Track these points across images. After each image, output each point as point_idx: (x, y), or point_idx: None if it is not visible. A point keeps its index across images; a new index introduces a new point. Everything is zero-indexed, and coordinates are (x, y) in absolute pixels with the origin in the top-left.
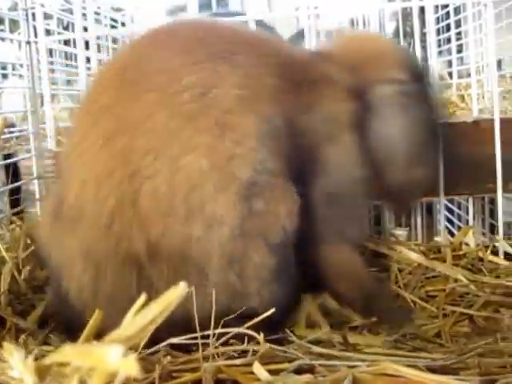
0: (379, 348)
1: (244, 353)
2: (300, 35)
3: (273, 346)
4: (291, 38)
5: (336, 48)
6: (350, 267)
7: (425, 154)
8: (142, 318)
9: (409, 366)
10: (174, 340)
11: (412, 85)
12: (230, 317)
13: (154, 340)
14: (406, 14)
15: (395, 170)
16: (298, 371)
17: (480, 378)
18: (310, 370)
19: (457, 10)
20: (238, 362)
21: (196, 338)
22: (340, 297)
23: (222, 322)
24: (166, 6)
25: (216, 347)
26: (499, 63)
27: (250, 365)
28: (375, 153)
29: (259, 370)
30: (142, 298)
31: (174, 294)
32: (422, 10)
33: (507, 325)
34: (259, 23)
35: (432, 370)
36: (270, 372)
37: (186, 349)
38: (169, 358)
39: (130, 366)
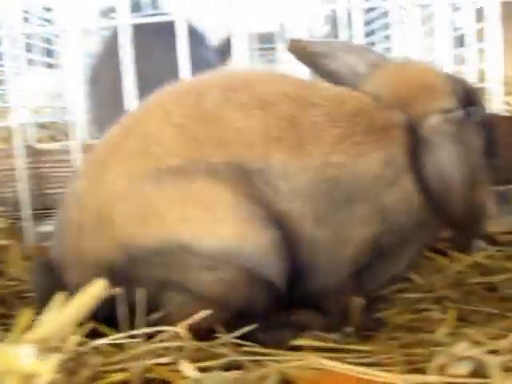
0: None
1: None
2: (228, 43)
3: (199, 343)
4: (220, 44)
5: (382, 85)
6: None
7: (481, 177)
8: (61, 316)
9: (336, 359)
10: (103, 341)
11: (459, 110)
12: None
13: None
14: (337, 18)
15: (456, 200)
16: (227, 368)
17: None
18: (239, 366)
19: (385, 14)
20: (165, 360)
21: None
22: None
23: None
24: (98, 6)
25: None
26: None
27: (177, 363)
28: (433, 186)
29: (187, 367)
30: (61, 296)
31: (93, 292)
32: (351, 13)
33: (436, 319)
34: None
35: (361, 363)
36: (199, 369)
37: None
38: (98, 358)
39: (45, 368)
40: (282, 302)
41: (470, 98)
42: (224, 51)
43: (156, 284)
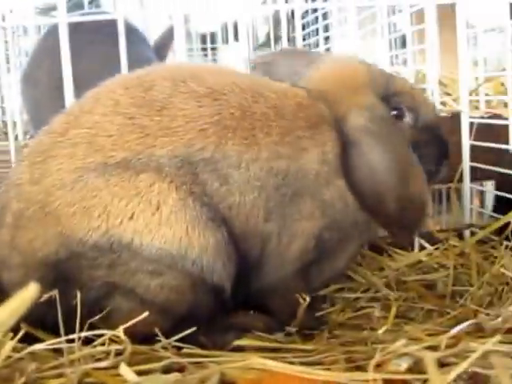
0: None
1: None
2: (170, 33)
3: (139, 346)
4: (161, 36)
5: (313, 81)
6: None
7: (413, 172)
8: None
9: (278, 359)
10: (40, 346)
11: (382, 107)
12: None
13: None
14: (278, 19)
15: (390, 202)
16: (168, 371)
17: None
18: (180, 369)
19: (325, 16)
20: (105, 364)
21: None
22: (267, 310)
23: None
24: (37, 4)
25: (81, 350)
26: None
27: (117, 367)
28: (365, 191)
29: (126, 371)
30: None
31: (25, 296)
32: (292, 14)
33: (376, 316)
34: (129, 27)
35: (303, 362)
36: (139, 373)
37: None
38: (34, 364)
39: None
40: (227, 305)
41: (401, 95)
42: (162, 50)
43: (99, 284)
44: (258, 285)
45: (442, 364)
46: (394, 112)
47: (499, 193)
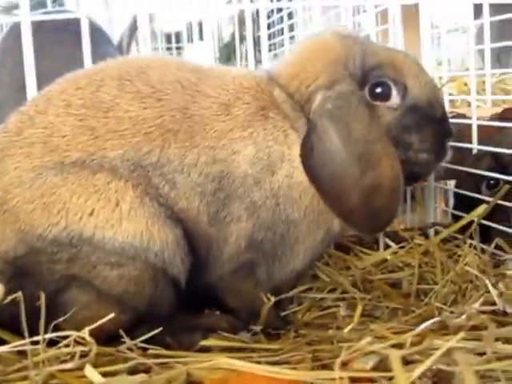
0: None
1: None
2: (133, 27)
3: (105, 348)
4: (123, 33)
5: (285, 63)
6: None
7: (376, 158)
8: None
9: (244, 359)
10: (3, 348)
11: (345, 84)
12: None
13: None
14: (243, 19)
15: (347, 190)
16: (134, 372)
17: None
18: (146, 370)
19: (290, 15)
20: (70, 366)
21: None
22: (228, 309)
23: None
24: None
25: (45, 352)
26: None
27: (82, 368)
28: (322, 176)
29: (92, 373)
30: None
31: None
32: (257, 14)
33: (342, 315)
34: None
35: (270, 361)
36: (105, 374)
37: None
38: None
39: None
40: (182, 301)
41: (382, 66)
42: (126, 47)
43: (59, 280)
44: (208, 284)
45: (407, 362)
46: (377, 89)
47: (460, 191)
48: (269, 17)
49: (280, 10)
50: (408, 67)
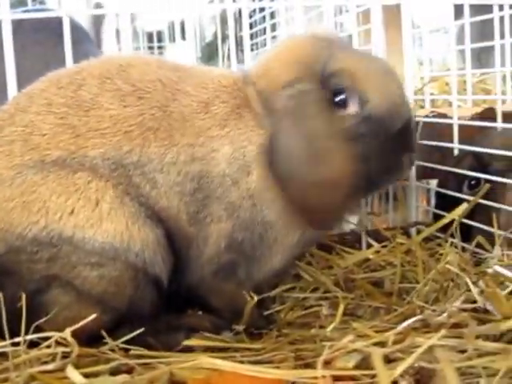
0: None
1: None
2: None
3: (87, 348)
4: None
5: (260, 62)
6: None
7: (326, 153)
8: None
9: (227, 358)
10: None
11: (306, 83)
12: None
13: None
14: (226, 18)
15: (301, 183)
16: (116, 372)
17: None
18: (129, 370)
19: (273, 15)
20: (51, 367)
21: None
22: (211, 309)
23: None
24: None
25: (26, 353)
26: None
27: (64, 369)
28: (282, 175)
29: (73, 374)
30: None
31: None
32: (239, 13)
33: (324, 314)
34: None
35: (252, 361)
36: (86, 375)
37: None
38: None
39: None
40: (165, 300)
41: (341, 75)
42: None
43: (39, 280)
44: (187, 284)
45: (390, 360)
46: (337, 97)
47: (442, 190)
48: (251, 16)
49: (262, 9)
50: (372, 76)
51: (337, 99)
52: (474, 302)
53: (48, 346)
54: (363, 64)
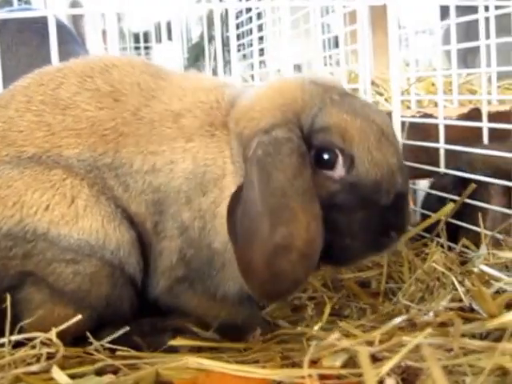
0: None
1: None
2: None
3: (72, 349)
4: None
5: (249, 95)
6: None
7: (289, 212)
8: None
9: (213, 358)
10: None
11: (288, 132)
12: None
13: None
14: (212, 19)
15: (254, 242)
16: (101, 373)
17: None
18: (115, 371)
19: (259, 16)
20: (36, 368)
21: None
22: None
23: None
24: None
25: (11, 354)
26: (299, 67)
27: (49, 370)
28: (239, 226)
29: (59, 374)
30: None
31: None
32: (226, 14)
33: (310, 314)
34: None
35: (239, 361)
36: (72, 376)
37: None
38: None
39: None
40: (142, 303)
41: (331, 131)
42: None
43: (14, 276)
44: (152, 296)
45: (376, 359)
46: (323, 155)
47: (429, 191)
48: (237, 17)
49: (249, 10)
50: (365, 137)
51: (321, 157)
52: (460, 301)
53: (33, 347)
54: (358, 122)
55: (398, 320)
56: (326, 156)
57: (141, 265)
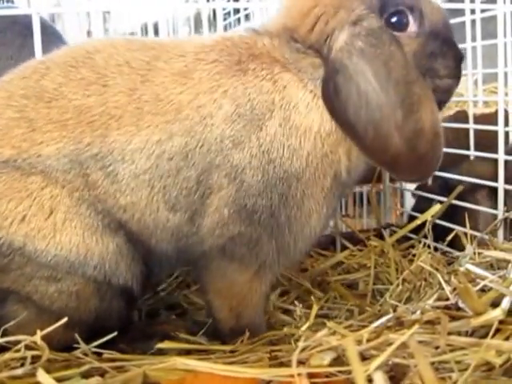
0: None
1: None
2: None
3: (58, 353)
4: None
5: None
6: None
7: (416, 97)
8: None
9: (201, 360)
10: None
11: (372, 18)
12: None
13: None
14: (200, 20)
15: (389, 135)
16: (88, 376)
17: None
18: (102, 374)
19: (247, 17)
20: (21, 372)
21: None
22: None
23: None
24: None
25: None
26: None
27: (34, 374)
28: (356, 119)
29: (44, 377)
30: None
31: None
32: (214, 15)
33: (299, 315)
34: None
35: (227, 362)
36: (58, 379)
37: None
38: None
39: None
40: (136, 303)
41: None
42: None
43: None
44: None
45: (364, 357)
46: (394, 18)
47: (416, 191)
48: (225, 18)
49: (237, 11)
50: None
51: (395, 20)
52: (447, 299)
53: (17, 351)
54: None
55: (385, 319)
56: (396, 18)
57: (135, 268)
